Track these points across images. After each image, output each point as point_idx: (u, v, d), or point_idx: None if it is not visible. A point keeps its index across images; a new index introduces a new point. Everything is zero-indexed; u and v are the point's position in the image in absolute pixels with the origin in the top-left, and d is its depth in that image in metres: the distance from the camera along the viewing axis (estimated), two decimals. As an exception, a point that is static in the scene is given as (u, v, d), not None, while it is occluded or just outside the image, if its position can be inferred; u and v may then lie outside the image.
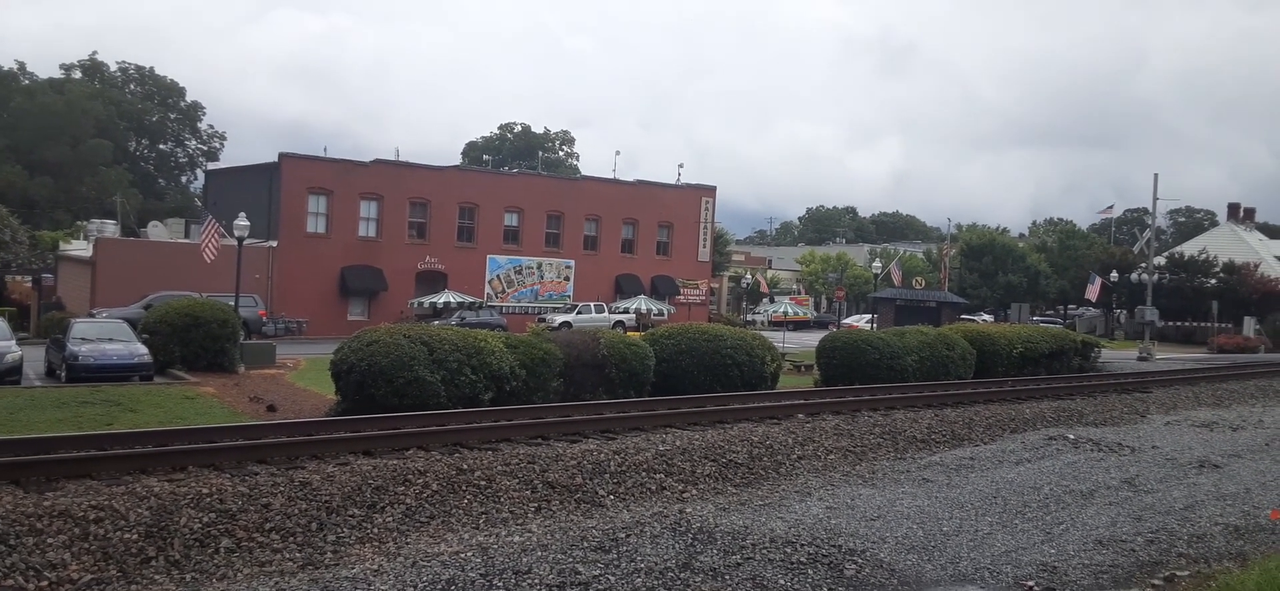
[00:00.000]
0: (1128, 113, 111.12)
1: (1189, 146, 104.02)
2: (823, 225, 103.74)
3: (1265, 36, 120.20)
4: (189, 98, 65.33)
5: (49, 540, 6.66)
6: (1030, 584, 7.20)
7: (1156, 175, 39.67)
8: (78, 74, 61.39)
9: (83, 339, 22.05)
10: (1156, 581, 7.25)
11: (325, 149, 49.21)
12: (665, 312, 40.39)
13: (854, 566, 7.26)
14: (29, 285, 39.71)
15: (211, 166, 59.16)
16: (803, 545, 7.59)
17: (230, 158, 63.02)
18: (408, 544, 7.54)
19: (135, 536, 6.91)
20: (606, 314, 39.76)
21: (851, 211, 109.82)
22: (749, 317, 50.92)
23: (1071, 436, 13.59)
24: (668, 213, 47.41)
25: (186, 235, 41.67)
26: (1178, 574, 7.49)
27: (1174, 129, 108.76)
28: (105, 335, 22.52)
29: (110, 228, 43.17)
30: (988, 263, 54.64)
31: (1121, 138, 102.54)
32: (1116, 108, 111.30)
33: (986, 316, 50.01)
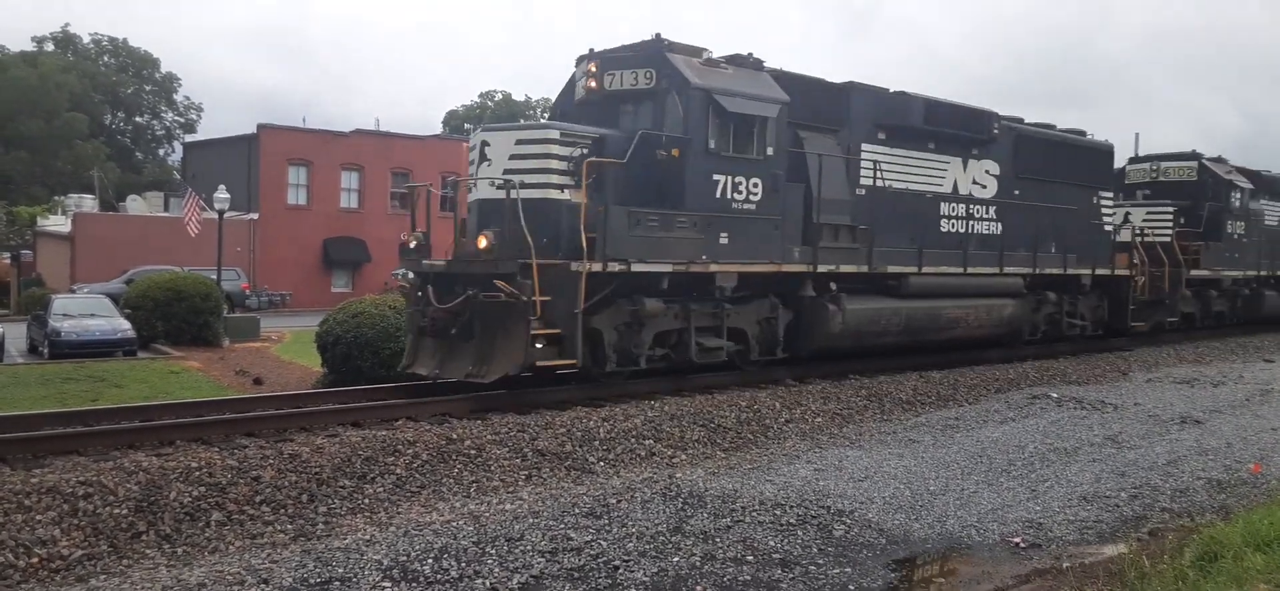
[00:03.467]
0: (1094, 72, 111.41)
1: (1156, 105, 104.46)
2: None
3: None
4: (164, 69, 64.56)
5: (38, 517, 6.64)
6: (1016, 540, 7.30)
7: (1137, 135, 39.89)
8: (51, 46, 60.49)
9: (65, 315, 21.94)
10: (1141, 535, 7.37)
11: (304, 119, 48.70)
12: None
13: (843, 527, 7.34)
14: (7, 262, 39.34)
15: (189, 139, 58.63)
16: (792, 507, 7.66)
17: (208, 129, 62.40)
18: (399, 513, 7.57)
19: (125, 511, 6.91)
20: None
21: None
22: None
23: (1055, 395, 13.73)
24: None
25: (166, 209, 41.33)
26: (1161, 528, 7.62)
27: (1141, 88, 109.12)
28: (87, 311, 22.42)
29: (88, 202, 42.76)
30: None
31: (1088, 97, 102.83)
32: (1083, 67, 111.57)
33: None
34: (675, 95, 11.74)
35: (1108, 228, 19.17)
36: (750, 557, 6.60)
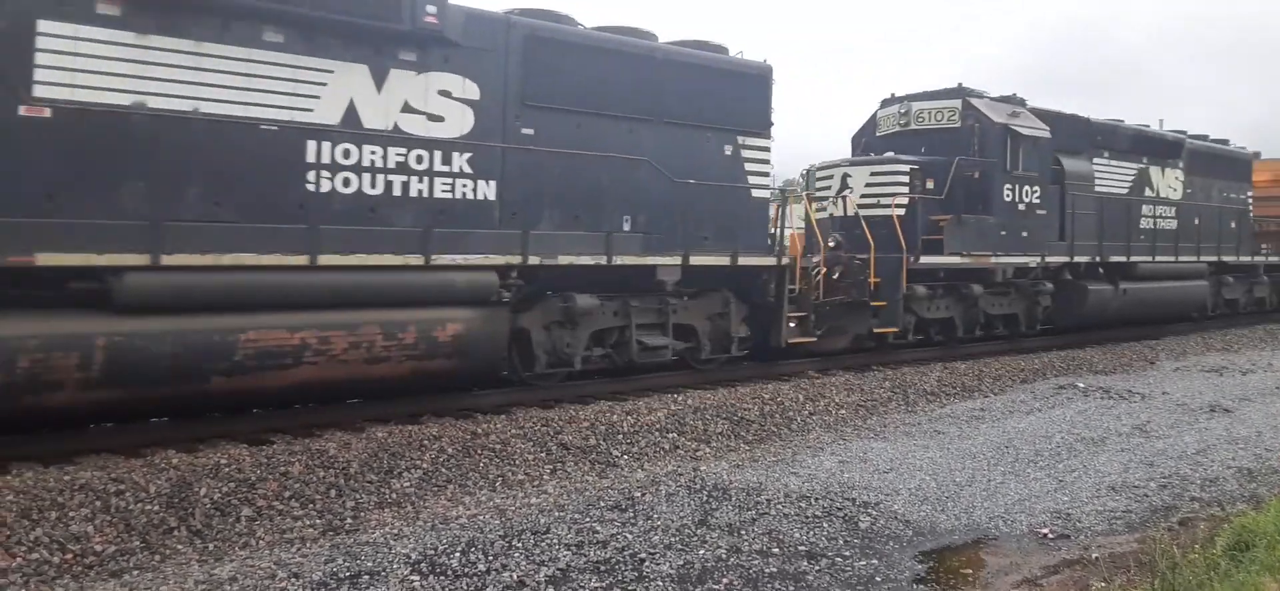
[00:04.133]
0: (1110, 58, 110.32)
1: (1176, 92, 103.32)
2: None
3: None
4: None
5: (71, 513, 6.73)
6: (1044, 531, 7.25)
7: (1161, 120, 39.42)
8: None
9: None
10: (1171, 525, 7.30)
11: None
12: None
13: (868, 518, 7.31)
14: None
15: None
16: (817, 499, 7.65)
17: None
18: (426, 507, 7.61)
19: (156, 507, 6.98)
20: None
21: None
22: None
23: (1081, 385, 13.63)
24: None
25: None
26: (1192, 517, 7.54)
27: (1159, 75, 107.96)
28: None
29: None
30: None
31: (1105, 86, 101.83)
32: (1098, 54, 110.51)
33: None
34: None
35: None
36: (776, 550, 6.59)
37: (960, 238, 15.19)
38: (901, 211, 14.94)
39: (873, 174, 15.58)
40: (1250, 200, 23.10)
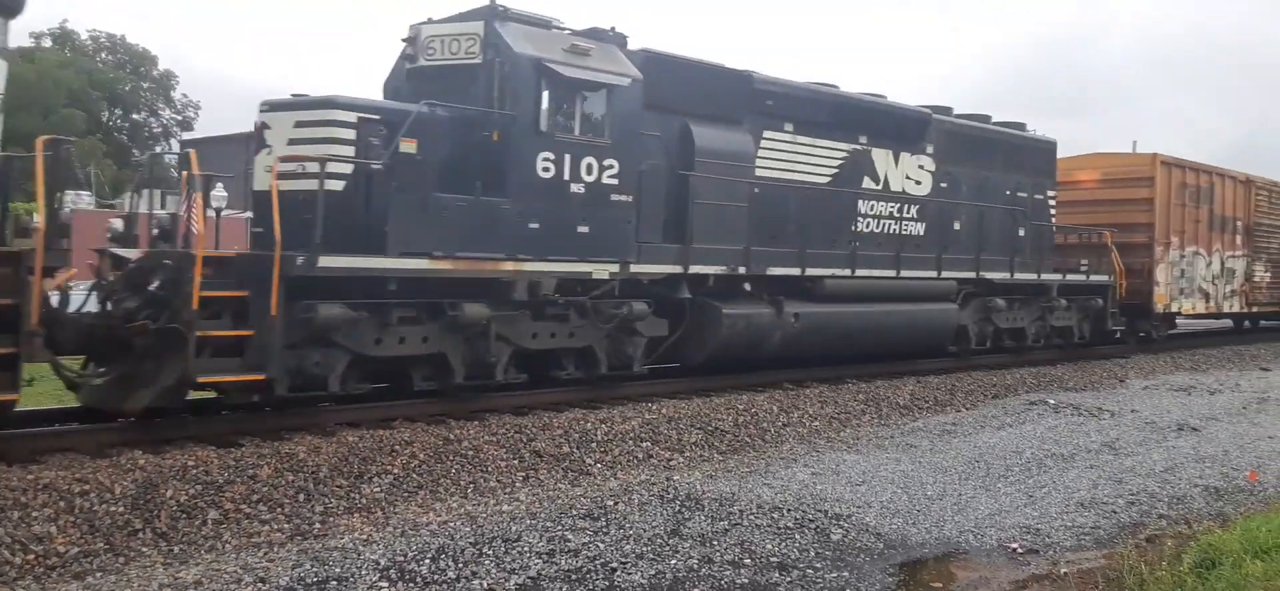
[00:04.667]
0: (1087, 81, 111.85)
1: (1149, 114, 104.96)
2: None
3: (1218, 2, 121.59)
4: (161, 66, 64.37)
5: (34, 513, 6.61)
6: (1014, 546, 7.30)
7: (1135, 143, 39.84)
8: (48, 43, 60.31)
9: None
10: (1139, 541, 7.36)
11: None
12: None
13: (840, 530, 7.33)
14: (2, 258, 39.06)
15: (186, 136, 58.43)
16: (789, 510, 7.65)
17: (205, 127, 62.05)
18: (396, 513, 7.55)
19: (121, 509, 6.88)
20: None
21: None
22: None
23: (1052, 401, 13.74)
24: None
25: (163, 206, 41.19)
26: (1159, 534, 7.61)
27: (1135, 97, 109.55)
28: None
29: (86, 199, 42.63)
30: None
31: (1081, 107, 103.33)
32: (1076, 75, 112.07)
33: None
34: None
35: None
36: (748, 561, 6.59)
37: (426, 229, 9.52)
38: (340, 186, 9.33)
39: (298, 124, 9.59)
40: (1052, 201, 18.17)
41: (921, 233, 15.29)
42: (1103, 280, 18.46)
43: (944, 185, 15.78)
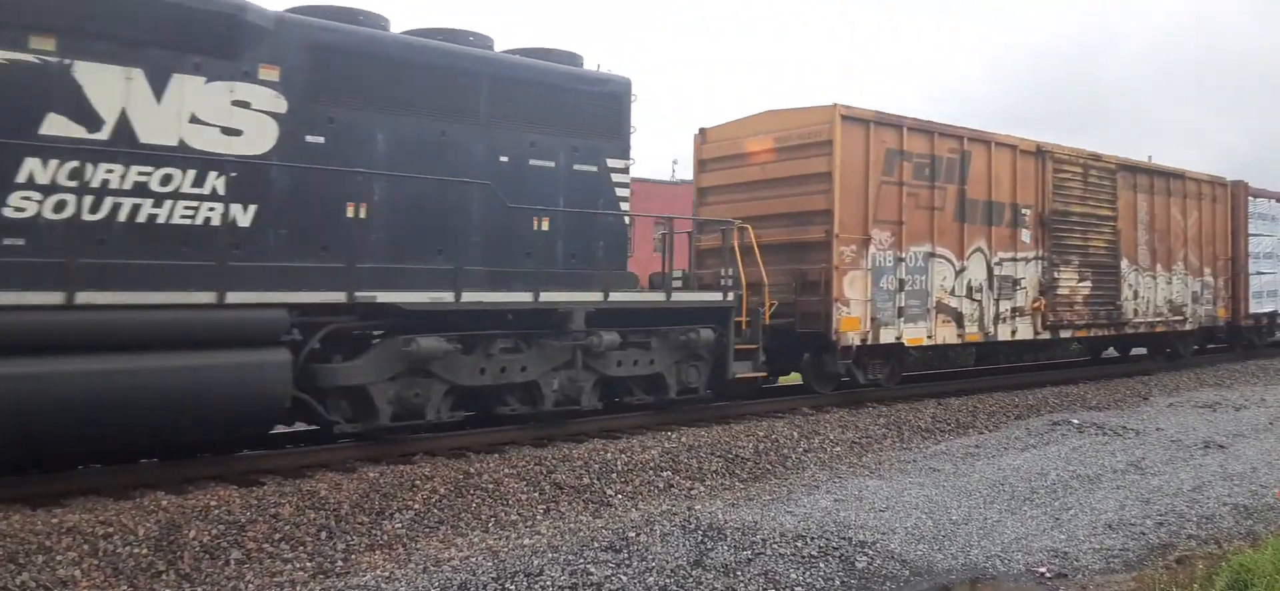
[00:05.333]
0: (1096, 96, 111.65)
1: (1162, 129, 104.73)
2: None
3: (1231, 17, 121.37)
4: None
5: (58, 557, 6.64)
6: (1042, 570, 7.20)
7: (1150, 156, 39.59)
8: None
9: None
10: (1169, 563, 7.26)
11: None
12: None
13: (865, 558, 7.26)
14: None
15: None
16: (813, 539, 7.59)
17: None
18: (418, 549, 7.53)
19: (145, 551, 6.90)
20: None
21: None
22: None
23: (1076, 421, 13.60)
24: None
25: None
26: (1189, 555, 7.50)
27: (1146, 112, 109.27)
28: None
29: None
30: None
31: (1088, 122, 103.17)
32: (1085, 91, 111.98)
33: None
34: None
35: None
36: None
37: None
38: None
39: None
40: (618, 176, 11.72)
41: (245, 223, 8.88)
42: (708, 301, 12.12)
43: (312, 138, 9.28)
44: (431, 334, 9.58)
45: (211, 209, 8.65)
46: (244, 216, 8.88)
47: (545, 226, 10.98)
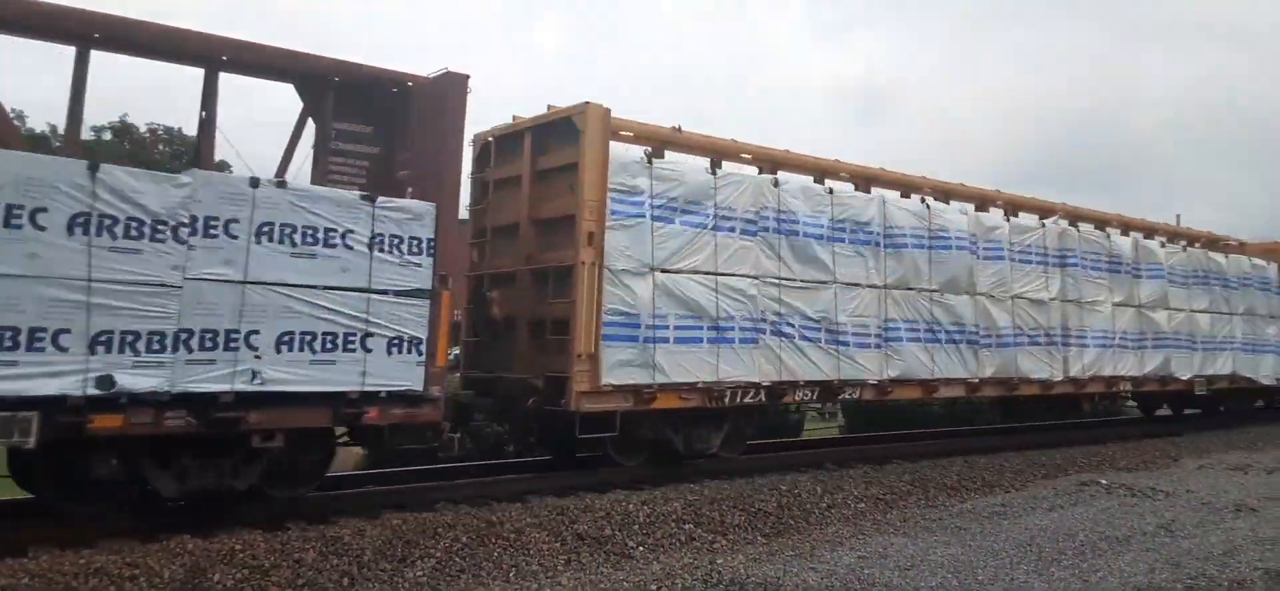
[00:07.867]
0: (1119, 154, 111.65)
1: (1180, 185, 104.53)
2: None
3: (1246, 74, 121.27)
4: (217, 157, 66.21)
5: (85, 597, 6.70)
6: (1069, 633, 7.09)
7: (1178, 216, 39.41)
8: (108, 136, 62.47)
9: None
10: (1198, 629, 7.12)
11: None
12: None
13: (889, 616, 7.17)
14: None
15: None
16: (836, 595, 7.52)
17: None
18: (439, 598, 7.53)
19: (170, 593, 6.94)
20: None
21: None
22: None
23: (1104, 481, 13.42)
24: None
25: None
26: (1220, 621, 7.36)
27: (1165, 169, 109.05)
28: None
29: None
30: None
31: (1113, 180, 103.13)
32: (1108, 149, 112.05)
33: None
34: None
35: None
36: (794, 647, 6.47)
37: None
38: None
39: None
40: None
41: None
42: None
43: None
44: None
45: None
46: None
47: None
